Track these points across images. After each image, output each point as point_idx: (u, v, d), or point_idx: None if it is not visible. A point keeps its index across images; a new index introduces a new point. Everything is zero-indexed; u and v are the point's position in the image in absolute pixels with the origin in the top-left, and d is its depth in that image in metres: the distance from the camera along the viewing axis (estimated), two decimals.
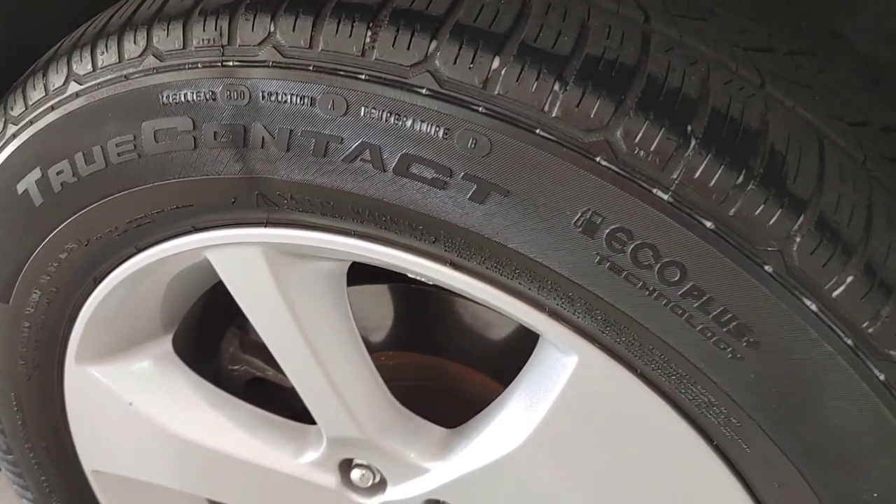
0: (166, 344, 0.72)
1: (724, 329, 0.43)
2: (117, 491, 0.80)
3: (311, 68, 0.45)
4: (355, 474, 0.68)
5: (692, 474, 0.50)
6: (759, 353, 0.43)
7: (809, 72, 0.48)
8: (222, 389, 0.72)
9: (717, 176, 0.41)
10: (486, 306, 0.57)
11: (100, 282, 0.63)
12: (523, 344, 0.62)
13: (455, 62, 0.43)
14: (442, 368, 0.70)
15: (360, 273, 0.66)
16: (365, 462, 0.67)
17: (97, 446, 0.76)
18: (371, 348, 0.62)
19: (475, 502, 0.61)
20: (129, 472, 0.76)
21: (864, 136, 0.47)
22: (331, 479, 0.69)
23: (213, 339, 0.76)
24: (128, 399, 0.70)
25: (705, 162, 0.41)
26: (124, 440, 0.74)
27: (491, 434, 0.59)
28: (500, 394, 0.60)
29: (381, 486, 0.68)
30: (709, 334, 0.43)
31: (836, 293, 0.41)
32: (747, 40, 0.47)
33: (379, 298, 0.70)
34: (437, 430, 0.65)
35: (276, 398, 0.74)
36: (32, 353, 0.70)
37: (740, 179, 0.41)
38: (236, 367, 0.75)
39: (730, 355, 0.43)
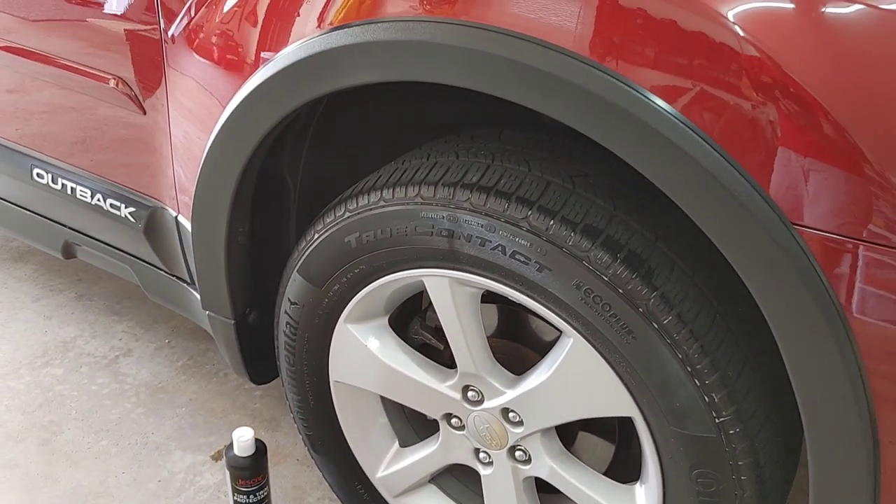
0: (385, 319, 1.46)
1: (616, 321, 1.14)
2: (343, 393, 1.53)
3: (482, 213, 1.19)
4: (470, 393, 1.40)
5: (612, 393, 1.20)
6: (635, 340, 1.14)
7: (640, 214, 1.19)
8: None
9: (614, 266, 1.12)
10: (539, 317, 1.30)
11: (367, 285, 1.38)
12: (552, 340, 1.33)
13: (536, 220, 1.16)
14: (517, 349, 1.42)
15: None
16: (475, 387, 1.39)
17: (341, 367, 1.50)
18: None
19: (524, 406, 1.33)
20: (354, 382, 1.49)
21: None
22: (457, 395, 1.40)
23: (407, 320, 1.50)
24: (364, 343, 1.45)
25: (610, 259, 1.12)
26: (357, 364, 1.48)
27: (535, 377, 1.31)
28: (539, 361, 1.32)
29: (481, 400, 1.39)
30: (613, 324, 1.14)
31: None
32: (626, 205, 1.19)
33: (491, 311, 1.44)
34: (510, 375, 1.36)
35: (435, 356, 1.47)
36: (324, 316, 1.45)
37: (616, 260, 1.12)
38: (416, 336, 1.49)
39: (623, 338, 1.14)
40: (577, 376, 1.24)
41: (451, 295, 1.29)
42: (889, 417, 0.98)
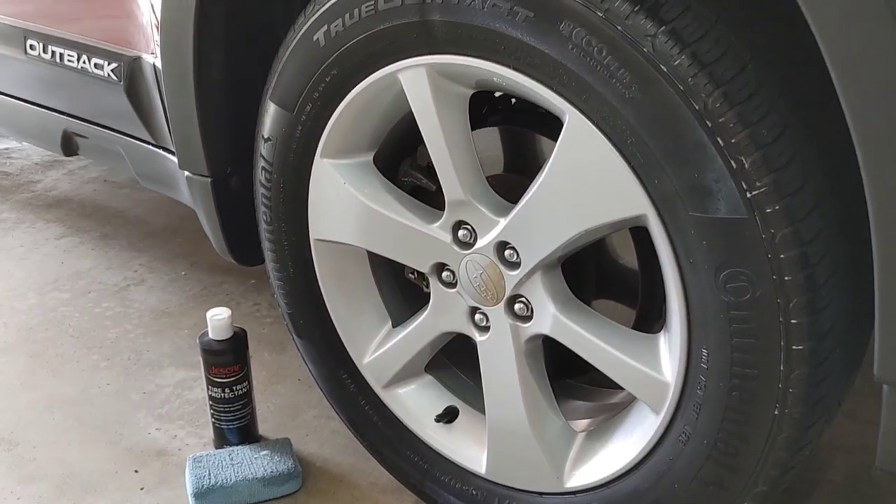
0: (370, 156, 1.24)
1: (615, 71, 0.89)
2: (323, 252, 1.31)
3: None
4: (461, 233, 1.16)
5: (617, 180, 0.95)
6: (640, 93, 0.89)
7: None
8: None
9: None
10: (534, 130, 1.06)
11: (340, 101, 1.18)
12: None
13: None
14: (518, 180, 1.18)
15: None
16: (467, 223, 1.15)
17: (321, 221, 1.29)
18: None
19: (517, 232, 1.08)
20: (336, 237, 1.28)
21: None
22: (447, 236, 1.17)
23: (396, 161, 1.28)
24: (343, 181, 1.23)
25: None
26: (337, 212, 1.26)
27: (530, 190, 1.06)
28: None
29: (473, 241, 1.15)
30: (611, 76, 0.90)
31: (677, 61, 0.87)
32: None
33: (493, 137, 1.21)
34: (503, 201, 1.12)
35: (425, 198, 1.25)
36: (299, 151, 1.25)
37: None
38: (406, 179, 1.27)
39: (624, 92, 0.89)
40: (574, 169, 0.99)
41: (433, 92, 1.07)
42: None
